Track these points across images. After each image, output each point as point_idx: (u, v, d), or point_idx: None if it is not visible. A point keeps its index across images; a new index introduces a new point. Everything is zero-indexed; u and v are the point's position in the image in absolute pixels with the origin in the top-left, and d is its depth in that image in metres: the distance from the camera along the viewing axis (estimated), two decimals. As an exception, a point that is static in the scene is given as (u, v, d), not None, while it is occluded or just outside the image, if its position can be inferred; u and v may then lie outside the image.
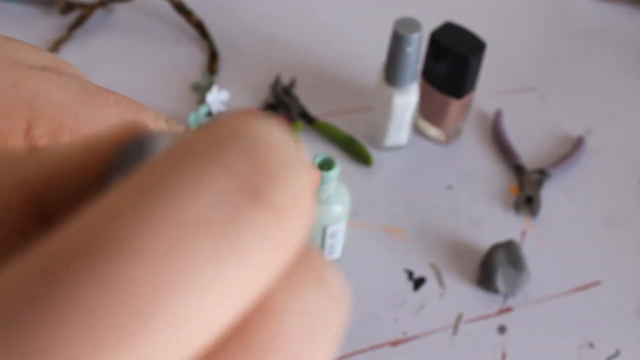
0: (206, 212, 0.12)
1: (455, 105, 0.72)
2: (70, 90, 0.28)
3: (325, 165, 0.59)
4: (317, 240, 0.64)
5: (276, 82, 0.80)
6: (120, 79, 0.80)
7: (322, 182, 0.58)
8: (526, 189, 0.72)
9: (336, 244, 0.65)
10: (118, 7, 0.87)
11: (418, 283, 0.66)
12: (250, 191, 0.12)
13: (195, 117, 0.75)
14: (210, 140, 0.13)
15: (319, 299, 0.13)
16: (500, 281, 0.65)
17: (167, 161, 0.12)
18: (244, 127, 0.13)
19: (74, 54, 0.82)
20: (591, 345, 0.63)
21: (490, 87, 0.82)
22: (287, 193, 0.13)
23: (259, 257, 0.12)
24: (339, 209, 0.61)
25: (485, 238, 0.69)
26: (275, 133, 0.13)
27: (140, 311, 0.11)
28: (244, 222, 0.12)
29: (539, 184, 0.73)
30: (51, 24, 0.85)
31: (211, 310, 0.12)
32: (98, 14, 0.86)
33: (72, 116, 0.28)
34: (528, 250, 0.69)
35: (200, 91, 0.78)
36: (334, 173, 0.58)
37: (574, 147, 0.76)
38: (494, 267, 0.65)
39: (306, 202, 0.13)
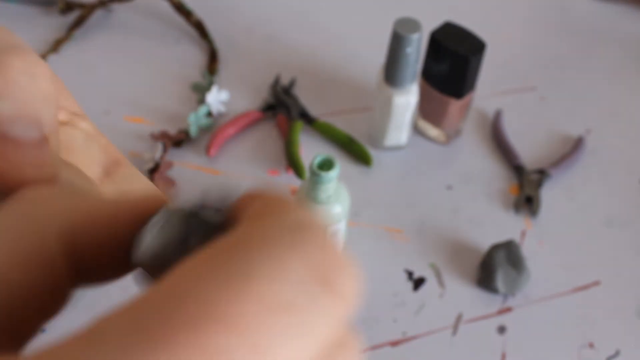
0: (287, 296, 0.15)
1: (455, 105, 0.72)
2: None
3: (325, 165, 0.59)
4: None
5: (276, 82, 0.80)
6: (120, 79, 0.80)
7: (322, 182, 0.58)
8: (526, 189, 0.72)
9: (336, 244, 0.65)
10: (118, 7, 0.87)
11: (418, 283, 0.66)
12: (322, 280, 0.15)
13: (195, 117, 0.75)
14: (289, 230, 0.16)
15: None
16: (500, 281, 0.65)
17: (251, 244, 0.15)
18: (307, 220, 0.17)
19: (74, 54, 0.82)
20: (591, 345, 0.63)
21: (490, 87, 0.82)
22: (349, 282, 0.16)
23: (323, 331, 0.15)
24: (339, 209, 0.61)
25: (485, 238, 0.69)
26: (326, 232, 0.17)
27: None
28: (316, 307, 0.15)
29: (538, 184, 0.73)
30: (51, 24, 0.85)
31: None
32: (98, 14, 0.86)
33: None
34: (528, 250, 0.69)
35: (200, 91, 0.78)
36: (334, 173, 0.58)
37: (574, 147, 0.76)
38: (494, 267, 0.65)
39: (357, 288, 0.16)
